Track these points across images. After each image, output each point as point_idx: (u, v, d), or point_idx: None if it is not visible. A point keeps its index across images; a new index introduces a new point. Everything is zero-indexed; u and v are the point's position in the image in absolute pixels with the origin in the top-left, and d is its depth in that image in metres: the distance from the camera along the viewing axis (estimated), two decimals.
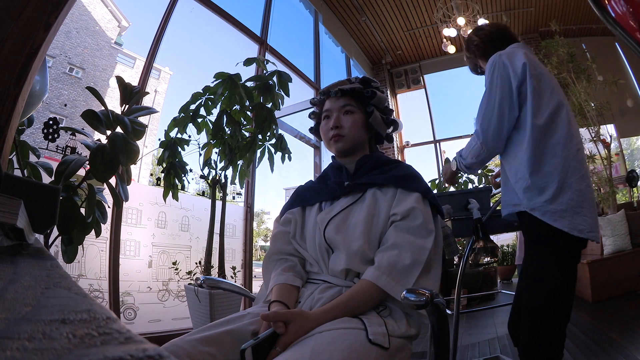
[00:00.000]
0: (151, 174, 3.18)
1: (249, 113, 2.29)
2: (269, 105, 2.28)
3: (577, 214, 1.09)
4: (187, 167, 2.27)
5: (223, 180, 2.34)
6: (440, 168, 5.83)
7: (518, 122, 1.23)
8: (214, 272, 2.29)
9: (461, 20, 4.55)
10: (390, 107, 1.07)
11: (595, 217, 1.12)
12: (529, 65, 1.22)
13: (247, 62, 2.39)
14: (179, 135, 2.25)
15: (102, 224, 1.45)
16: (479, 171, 4.09)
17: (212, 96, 2.22)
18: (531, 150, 1.17)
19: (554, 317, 1.06)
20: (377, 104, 0.96)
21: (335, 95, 0.95)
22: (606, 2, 0.70)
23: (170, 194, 2.20)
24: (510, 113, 1.21)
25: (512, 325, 1.28)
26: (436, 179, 4.51)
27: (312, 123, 1.06)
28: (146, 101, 3.81)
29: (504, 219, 1.34)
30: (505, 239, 5.81)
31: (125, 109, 1.48)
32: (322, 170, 1.03)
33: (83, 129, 1.46)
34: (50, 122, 1.48)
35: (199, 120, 2.27)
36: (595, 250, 3.21)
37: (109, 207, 1.51)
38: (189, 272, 2.31)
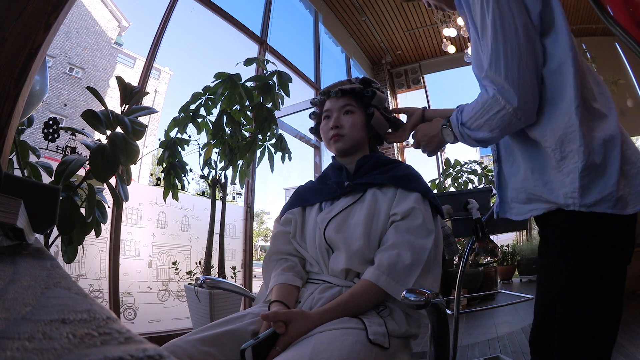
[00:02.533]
0: (151, 174, 3.18)
1: (249, 113, 2.29)
2: (269, 105, 2.28)
3: None
4: (187, 167, 2.27)
5: (223, 180, 2.34)
6: (441, 168, 5.80)
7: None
8: (214, 272, 2.29)
9: (461, 21, 4.55)
10: (391, 107, 1.06)
11: None
12: None
13: (247, 62, 2.39)
14: (179, 135, 2.25)
15: (102, 224, 1.45)
16: (479, 170, 4.09)
17: (212, 96, 2.22)
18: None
19: None
20: (377, 104, 0.96)
21: (335, 95, 0.95)
22: (606, 2, 0.70)
23: (170, 194, 2.20)
24: (538, 55, 0.72)
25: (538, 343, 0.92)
26: (436, 179, 4.52)
27: (312, 123, 1.06)
28: (146, 101, 3.82)
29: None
30: (505, 239, 5.81)
31: (125, 109, 1.48)
32: (322, 170, 1.03)
33: (83, 129, 1.46)
34: (50, 122, 1.48)
35: (199, 120, 2.27)
36: None
37: (109, 207, 1.51)
38: (189, 272, 2.31)
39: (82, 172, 1.37)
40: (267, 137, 2.37)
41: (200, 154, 2.33)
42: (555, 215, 0.76)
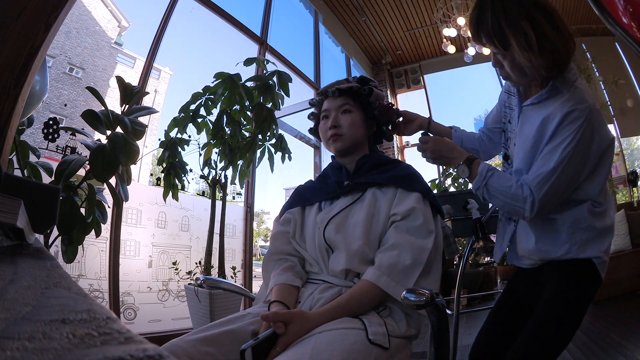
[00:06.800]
0: (151, 174, 3.18)
1: (249, 113, 2.29)
2: (269, 105, 2.28)
3: None
4: (187, 167, 2.27)
5: (223, 180, 2.34)
6: (441, 168, 5.80)
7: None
8: (214, 272, 2.29)
9: (461, 20, 4.55)
10: None
11: None
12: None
13: (247, 62, 2.39)
14: (179, 135, 2.25)
15: (102, 224, 1.45)
16: None
17: (212, 96, 2.22)
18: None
19: None
20: (377, 100, 0.97)
21: (333, 95, 0.95)
22: (606, 2, 0.70)
23: (170, 194, 2.20)
24: (576, 183, 0.89)
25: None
26: (436, 179, 4.51)
27: (312, 123, 1.06)
28: (146, 101, 3.81)
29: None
30: None
31: (125, 109, 1.48)
32: (322, 170, 1.03)
33: (83, 129, 1.46)
34: (50, 122, 1.48)
35: (199, 120, 2.27)
36: None
37: (109, 207, 1.51)
38: (189, 272, 2.32)
39: (82, 172, 1.37)
40: (267, 137, 2.37)
41: (200, 154, 2.33)
42: (555, 264, 0.93)
